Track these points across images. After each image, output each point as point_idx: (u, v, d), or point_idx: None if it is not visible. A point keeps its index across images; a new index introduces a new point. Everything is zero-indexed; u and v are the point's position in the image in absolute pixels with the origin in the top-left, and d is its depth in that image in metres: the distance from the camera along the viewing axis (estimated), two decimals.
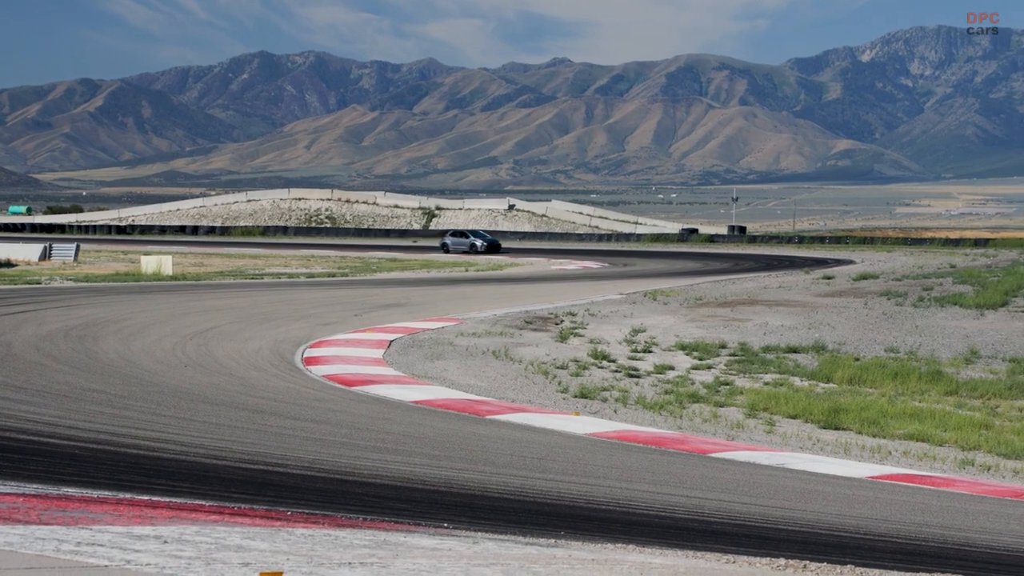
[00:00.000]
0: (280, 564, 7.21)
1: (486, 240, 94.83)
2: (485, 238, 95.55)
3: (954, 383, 25.77)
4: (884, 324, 38.02)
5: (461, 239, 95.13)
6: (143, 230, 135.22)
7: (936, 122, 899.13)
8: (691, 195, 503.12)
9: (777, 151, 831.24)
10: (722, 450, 17.84)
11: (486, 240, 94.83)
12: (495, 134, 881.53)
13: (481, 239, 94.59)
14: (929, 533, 13.01)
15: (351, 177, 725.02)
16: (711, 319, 38.31)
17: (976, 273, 63.13)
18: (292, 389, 21.36)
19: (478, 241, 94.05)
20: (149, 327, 30.51)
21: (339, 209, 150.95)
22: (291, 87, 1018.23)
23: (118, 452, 13.89)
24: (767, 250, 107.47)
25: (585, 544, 10.03)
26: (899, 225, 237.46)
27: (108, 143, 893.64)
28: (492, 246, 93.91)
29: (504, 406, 20.75)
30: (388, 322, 34.48)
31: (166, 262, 57.65)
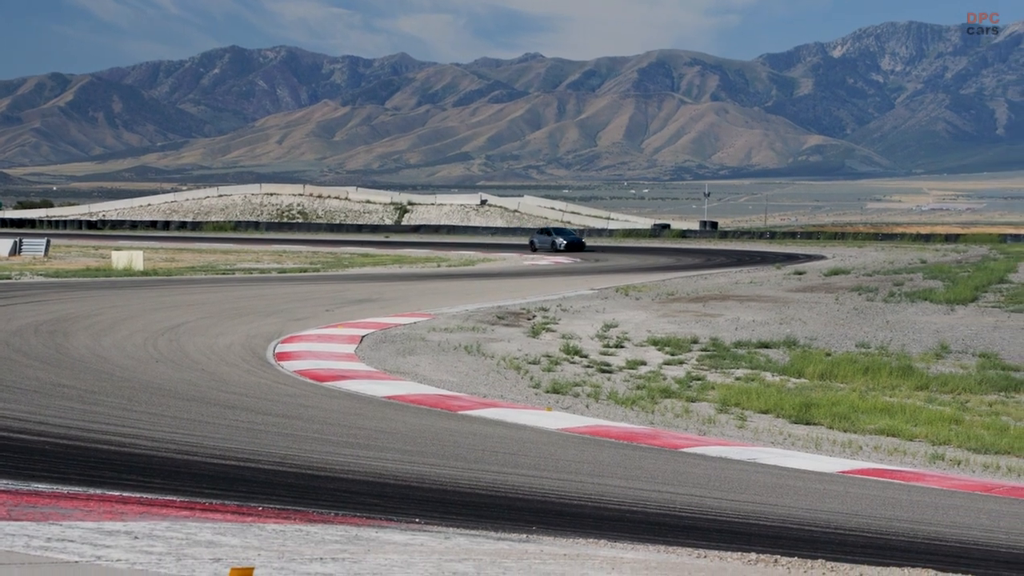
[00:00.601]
0: (251, 560, 7.20)
1: (566, 238, 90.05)
2: (567, 235, 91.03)
3: (924, 378, 25.85)
4: (855, 319, 38.13)
5: (545, 237, 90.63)
6: (114, 225, 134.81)
7: (907, 118, 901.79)
8: (663, 191, 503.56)
9: (749, 147, 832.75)
10: (694, 445, 17.86)
11: (566, 238, 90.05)
12: (467, 129, 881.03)
13: (562, 237, 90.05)
14: (899, 527, 13.06)
15: (323, 172, 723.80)
16: (683, 314, 38.37)
17: (946, 268, 63.41)
18: (264, 384, 21.32)
19: (558, 239, 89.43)
20: (120, 323, 30.41)
21: (311, 204, 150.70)
22: (262, 82, 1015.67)
23: (89, 448, 13.85)
24: (739, 245, 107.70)
25: (557, 539, 10.04)
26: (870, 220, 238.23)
27: (79, 138, 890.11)
28: (572, 245, 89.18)
29: (476, 401, 20.75)
30: (360, 317, 34.43)
31: (137, 257, 57.44)
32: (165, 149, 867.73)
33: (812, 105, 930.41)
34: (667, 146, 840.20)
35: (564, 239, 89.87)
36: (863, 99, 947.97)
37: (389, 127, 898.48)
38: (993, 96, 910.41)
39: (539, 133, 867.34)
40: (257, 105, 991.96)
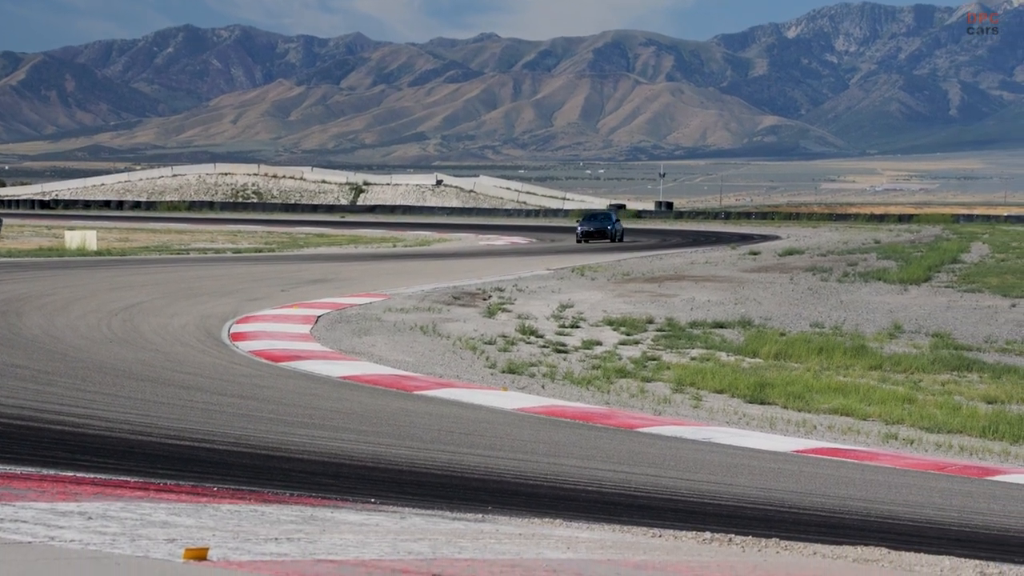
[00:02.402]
0: (206, 540, 7.18)
1: (590, 226, 76.30)
2: (592, 222, 77.32)
3: (878, 358, 26.00)
4: (809, 299, 38.31)
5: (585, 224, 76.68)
6: (67, 205, 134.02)
7: (861, 98, 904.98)
8: (619, 171, 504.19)
9: (704, 127, 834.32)
10: (649, 425, 17.92)
11: (590, 226, 76.30)
12: (423, 109, 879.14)
13: (585, 224, 76.88)
14: (853, 506, 13.13)
15: (278, 152, 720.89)
16: (638, 294, 38.45)
17: (900, 248, 63.78)
18: (219, 365, 21.25)
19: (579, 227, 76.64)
20: (74, 303, 30.24)
21: (266, 184, 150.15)
22: (217, 61, 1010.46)
23: (42, 428, 13.77)
24: (694, 226, 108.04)
25: (512, 519, 10.05)
26: (824, 201, 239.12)
27: (31, 117, 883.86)
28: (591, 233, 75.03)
29: (432, 381, 20.74)
30: (315, 298, 34.35)
31: (91, 237, 57.12)
32: (118, 128, 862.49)
33: (767, 86, 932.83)
34: (623, 126, 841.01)
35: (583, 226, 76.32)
36: (817, 80, 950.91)
37: (344, 107, 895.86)
38: (946, 77, 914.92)
39: (495, 113, 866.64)
40: (211, 84, 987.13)
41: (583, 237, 74.44)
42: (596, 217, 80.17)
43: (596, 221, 77.85)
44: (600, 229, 75.42)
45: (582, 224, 77.03)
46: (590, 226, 76.13)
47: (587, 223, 77.07)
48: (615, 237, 74.84)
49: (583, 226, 76.24)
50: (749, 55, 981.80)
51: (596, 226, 76.12)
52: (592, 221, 77.86)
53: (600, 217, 79.97)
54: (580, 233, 75.17)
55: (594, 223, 77.08)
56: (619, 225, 77.59)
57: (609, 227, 75.76)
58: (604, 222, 77.20)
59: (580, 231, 75.51)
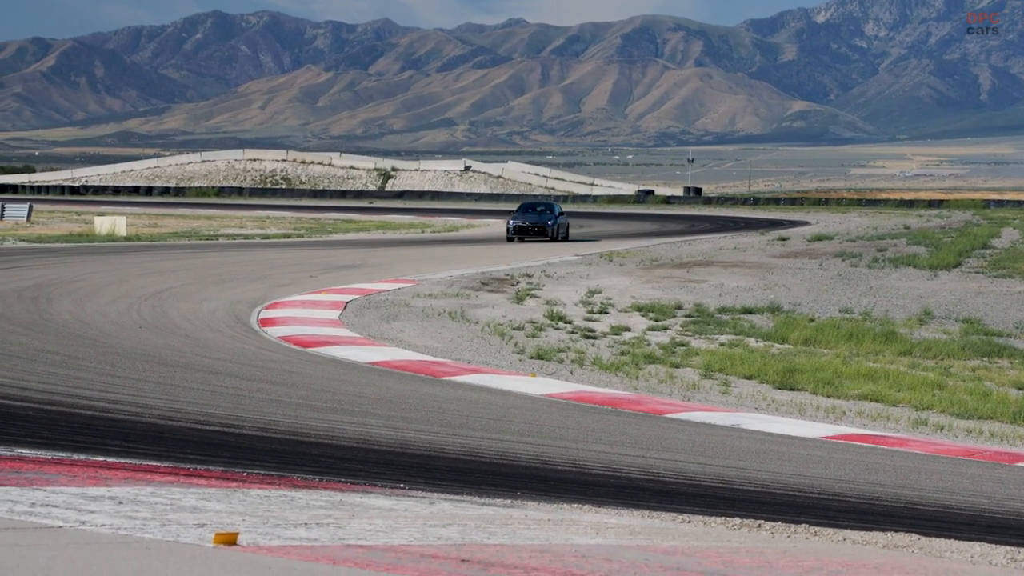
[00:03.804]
0: (236, 525, 7.20)
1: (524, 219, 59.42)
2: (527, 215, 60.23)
3: (908, 344, 25.92)
4: (839, 285, 38.20)
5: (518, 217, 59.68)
6: (97, 191, 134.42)
7: (890, 83, 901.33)
8: (647, 157, 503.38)
9: (732, 112, 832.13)
10: (678, 411, 17.90)
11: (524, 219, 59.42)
12: (451, 95, 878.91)
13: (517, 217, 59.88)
14: (883, 492, 13.10)
15: (306, 138, 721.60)
16: (667, 280, 38.39)
17: (930, 234, 63.53)
18: (248, 350, 21.30)
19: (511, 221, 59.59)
20: (103, 288, 30.34)
21: (294, 170, 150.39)
22: (245, 47, 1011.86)
23: (73, 413, 13.83)
24: (723, 211, 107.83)
25: (541, 504, 10.05)
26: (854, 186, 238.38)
27: (61, 103, 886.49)
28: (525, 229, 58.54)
29: (460, 367, 20.75)
30: (344, 283, 34.39)
31: (120, 223, 57.29)
32: (147, 114, 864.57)
33: (796, 71, 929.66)
34: (651, 112, 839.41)
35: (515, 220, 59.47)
36: (847, 65, 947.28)
37: (372, 93, 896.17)
38: (976, 62, 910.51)
39: (523, 99, 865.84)
40: (240, 70, 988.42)
41: (514, 233, 58.01)
42: (534, 208, 61.98)
43: (533, 214, 60.16)
44: (537, 224, 58.67)
45: (514, 217, 59.60)
46: (524, 220, 59.04)
47: (521, 215, 59.86)
48: (556, 234, 58.63)
49: (515, 219, 59.00)
50: (778, 40, 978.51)
51: (532, 220, 59.04)
52: (527, 214, 60.18)
53: (540, 209, 61.78)
54: (511, 228, 58.34)
55: (530, 216, 59.73)
56: (564, 219, 60.68)
57: (549, 222, 58.94)
58: (543, 215, 59.89)
59: (511, 225, 58.50)
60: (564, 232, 59.87)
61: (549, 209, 61.36)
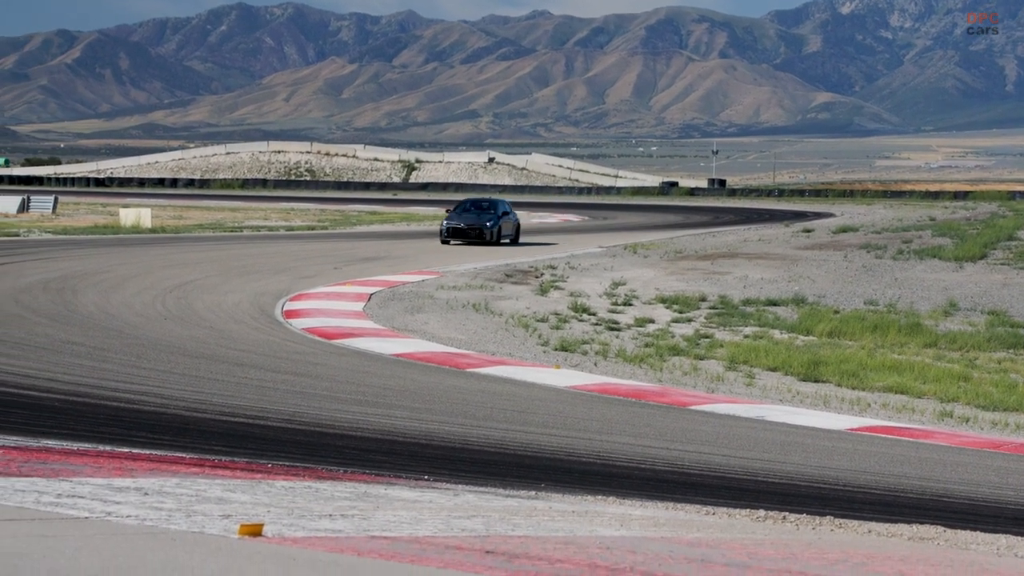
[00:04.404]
0: (261, 516, 7.21)
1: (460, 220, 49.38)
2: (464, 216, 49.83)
3: (933, 335, 25.85)
4: (864, 277, 38.11)
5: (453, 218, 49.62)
6: (122, 183, 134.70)
7: (916, 75, 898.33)
8: (671, 148, 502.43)
9: (757, 104, 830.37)
10: (702, 403, 17.88)
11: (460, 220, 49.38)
12: (475, 87, 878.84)
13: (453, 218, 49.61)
14: (908, 484, 13.07)
15: (331, 130, 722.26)
16: (691, 272, 38.35)
17: (955, 226, 63.30)
18: (272, 342, 21.34)
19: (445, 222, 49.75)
20: (128, 280, 30.43)
21: (318, 162, 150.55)
22: (270, 39, 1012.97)
23: (98, 404, 13.88)
24: (747, 203, 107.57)
25: (565, 496, 10.06)
26: (879, 178, 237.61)
27: (86, 95, 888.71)
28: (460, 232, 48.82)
29: (485, 359, 20.76)
30: (368, 275, 34.43)
31: (145, 215, 57.43)
32: (172, 106, 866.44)
33: (821, 62, 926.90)
34: (675, 104, 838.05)
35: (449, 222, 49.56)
36: (872, 56, 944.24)
37: (396, 85, 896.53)
38: (1003, 53, 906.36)
39: (547, 91, 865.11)
40: (264, 62, 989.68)
41: (447, 236, 48.67)
42: (476, 207, 51.47)
43: (471, 214, 50.00)
44: (474, 226, 48.73)
45: (450, 217, 49.73)
46: (459, 220, 49.17)
47: (457, 216, 49.69)
48: (496, 236, 48.81)
49: (450, 220, 49.27)
50: (803, 31, 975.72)
51: (469, 221, 49.08)
52: (465, 214, 50.02)
53: (483, 207, 51.13)
54: (444, 230, 49.00)
55: (467, 216, 49.61)
56: (510, 219, 50.65)
57: (488, 223, 48.84)
58: (482, 216, 49.56)
59: (444, 226, 49.14)
60: (512, 233, 50.22)
61: (492, 208, 50.72)
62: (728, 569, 6.77)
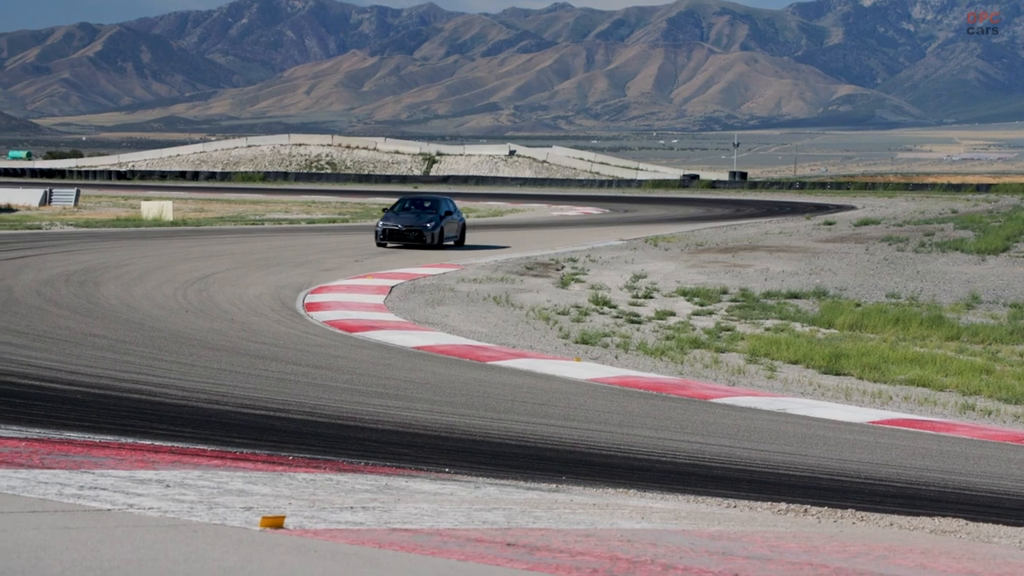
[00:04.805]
0: (282, 508, 7.23)
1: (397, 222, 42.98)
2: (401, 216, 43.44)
3: (955, 328, 25.79)
4: (885, 269, 38.03)
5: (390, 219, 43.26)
6: (143, 175, 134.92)
7: (938, 67, 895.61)
8: (692, 141, 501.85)
9: (778, 96, 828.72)
10: (723, 396, 17.86)
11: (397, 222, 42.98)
12: (495, 80, 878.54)
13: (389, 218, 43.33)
14: (930, 478, 13.05)
15: (351, 123, 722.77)
16: (712, 265, 38.31)
17: (978, 218, 63.09)
18: (293, 335, 21.38)
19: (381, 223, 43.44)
20: (150, 272, 30.51)
21: (339, 155, 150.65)
22: (291, 32, 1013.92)
23: (120, 397, 13.92)
24: (768, 196, 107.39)
25: (586, 489, 10.06)
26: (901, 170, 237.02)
27: (107, 88, 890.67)
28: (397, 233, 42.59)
29: (505, 352, 20.77)
30: (389, 268, 34.49)
31: (167, 207, 57.57)
32: (193, 99, 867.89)
33: (842, 54, 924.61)
34: (696, 96, 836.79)
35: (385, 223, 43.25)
36: (894, 48, 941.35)
37: (417, 77, 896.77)
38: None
39: (568, 83, 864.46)
40: (285, 55, 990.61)
41: (383, 238, 42.65)
42: (416, 205, 45.26)
43: (410, 214, 43.89)
44: (413, 227, 42.74)
45: (386, 217, 43.60)
46: (397, 221, 43.01)
47: (395, 216, 43.57)
48: (437, 239, 42.90)
49: (386, 221, 43.19)
50: (824, 24, 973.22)
51: (407, 222, 42.95)
52: (403, 214, 43.83)
53: (424, 207, 45.06)
54: (379, 232, 42.86)
55: (405, 217, 43.49)
56: (454, 219, 44.75)
57: (429, 224, 42.92)
58: (423, 216, 43.60)
59: (380, 228, 43.01)
60: (456, 234, 44.41)
61: (433, 207, 44.70)
62: (749, 562, 6.76)
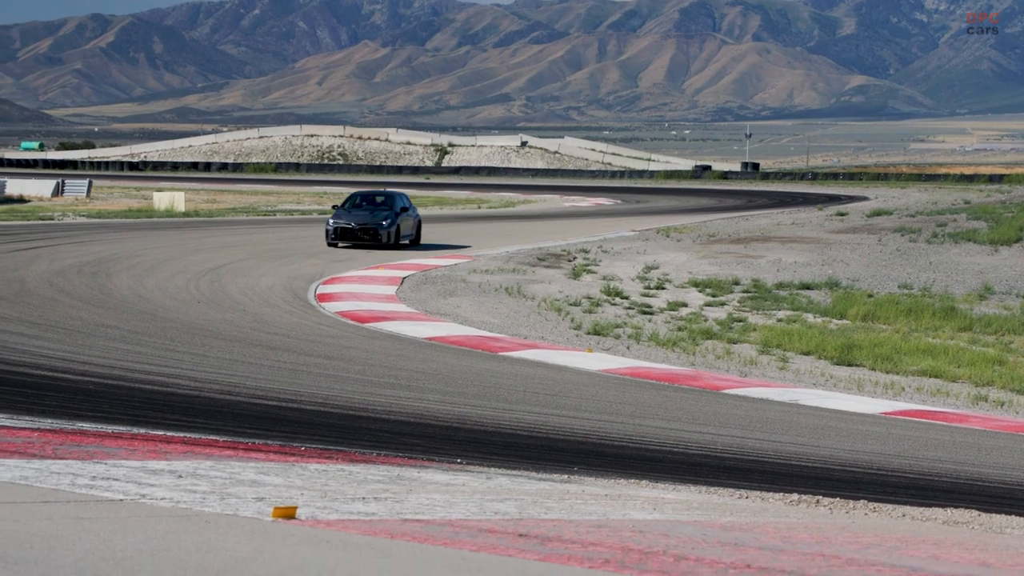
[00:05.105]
0: (294, 499, 7.23)
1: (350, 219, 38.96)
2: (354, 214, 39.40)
3: (968, 319, 25.75)
4: (898, 260, 37.97)
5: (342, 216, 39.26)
6: (155, 166, 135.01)
7: (951, 57, 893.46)
8: (704, 132, 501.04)
9: (791, 87, 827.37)
10: (735, 386, 17.85)
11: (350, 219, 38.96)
12: (507, 70, 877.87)
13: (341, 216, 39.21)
14: (942, 468, 13.03)
15: (363, 114, 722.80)
16: (724, 256, 38.27)
17: (990, 209, 62.94)
18: (305, 326, 21.40)
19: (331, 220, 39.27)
20: (162, 263, 30.54)
21: (351, 146, 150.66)
22: (302, 23, 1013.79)
23: (132, 387, 13.94)
24: (780, 187, 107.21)
25: (598, 480, 10.05)
26: (913, 161, 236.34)
27: (120, 79, 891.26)
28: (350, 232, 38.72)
29: (517, 343, 20.77)
30: (401, 259, 34.49)
31: (179, 198, 57.61)
32: (206, 90, 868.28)
33: (855, 45, 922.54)
34: (708, 87, 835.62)
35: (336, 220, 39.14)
36: (906, 39, 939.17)
37: (429, 68, 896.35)
38: None
39: (580, 74, 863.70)
40: (297, 46, 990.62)
41: (335, 237, 38.52)
42: (369, 201, 40.95)
43: (363, 211, 39.88)
44: (368, 226, 38.75)
45: (337, 215, 39.39)
46: (350, 219, 38.94)
47: (346, 213, 39.45)
48: (393, 237, 38.96)
49: (337, 219, 39.02)
50: (837, 14, 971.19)
51: (361, 220, 38.96)
52: (355, 211, 39.74)
53: (377, 202, 40.76)
54: (331, 230, 38.67)
55: (358, 214, 39.40)
56: (410, 215, 40.60)
57: (384, 221, 39.05)
58: (377, 213, 39.59)
59: (331, 226, 38.77)
60: (412, 232, 40.33)
61: (387, 203, 40.43)
62: (761, 553, 6.75)
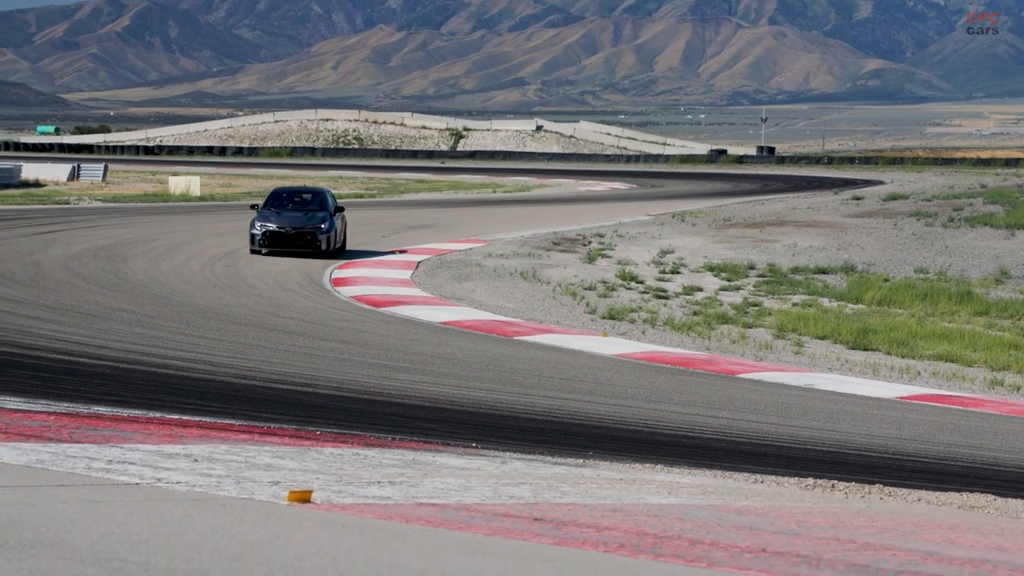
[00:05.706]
0: (310, 483, 7.24)
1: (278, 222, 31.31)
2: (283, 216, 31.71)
3: (984, 303, 25.70)
4: (914, 245, 37.89)
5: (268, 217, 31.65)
6: (171, 151, 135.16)
7: (968, 41, 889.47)
8: (720, 116, 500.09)
9: (807, 71, 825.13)
10: (750, 371, 17.84)
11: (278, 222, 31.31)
12: (523, 55, 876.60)
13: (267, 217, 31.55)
14: (958, 453, 13.01)
15: (378, 98, 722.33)
16: (739, 240, 38.21)
17: (1007, 193, 62.77)
18: (320, 310, 21.42)
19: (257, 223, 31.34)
20: (177, 248, 30.57)
21: (366, 130, 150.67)
22: (318, 7, 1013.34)
23: (148, 371, 13.96)
24: (796, 171, 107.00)
25: (613, 464, 10.05)
26: (929, 145, 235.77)
27: (135, 63, 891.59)
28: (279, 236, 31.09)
29: (532, 327, 20.77)
30: (416, 243, 34.47)
31: (194, 183, 57.66)
32: (221, 75, 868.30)
33: (871, 28, 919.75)
34: (724, 71, 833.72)
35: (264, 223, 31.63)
36: (923, 22, 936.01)
37: (444, 52, 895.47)
38: None
39: (595, 58, 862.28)
40: (312, 30, 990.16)
41: (263, 242, 31.10)
42: (294, 201, 33.75)
43: (294, 211, 32.73)
44: (304, 230, 31.64)
45: (262, 215, 32.03)
46: (282, 222, 31.72)
47: (275, 216, 32.01)
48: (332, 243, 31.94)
49: (265, 221, 31.61)
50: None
51: (295, 223, 31.76)
52: (284, 213, 32.40)
53: (306, 201, 33.63)
54: (259, 235, 31.24)
55: (290, 217, 32.10)
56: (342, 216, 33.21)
57: (323, 224, 31.79)
58: (311, 216, 32.29)
59: (259, 230, 31.32)
60: (343, 236, 33.32)
61: (318, 201, 33.50)
62: (777, 537, 6.75)
